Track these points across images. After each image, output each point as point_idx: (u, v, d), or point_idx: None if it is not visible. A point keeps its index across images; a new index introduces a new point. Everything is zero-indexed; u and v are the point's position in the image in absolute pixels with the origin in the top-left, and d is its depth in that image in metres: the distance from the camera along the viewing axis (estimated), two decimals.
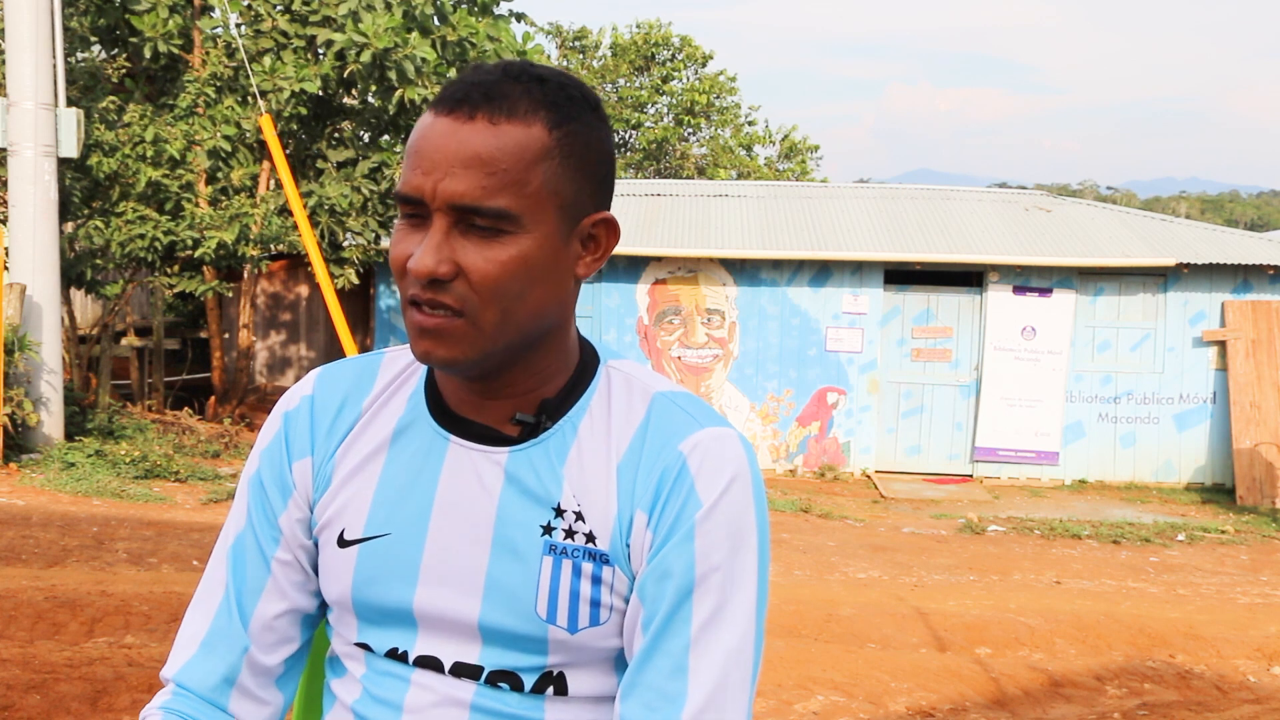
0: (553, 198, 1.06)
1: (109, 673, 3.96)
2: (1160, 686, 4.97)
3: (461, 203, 1.03)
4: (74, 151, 9.18)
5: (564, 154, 1.06)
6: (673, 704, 1.05)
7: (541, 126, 1.05)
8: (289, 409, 1.23)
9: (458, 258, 1.04)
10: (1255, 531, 10.01)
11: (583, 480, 1.12)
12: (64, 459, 8.69)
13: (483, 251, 1.04)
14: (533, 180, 1.04)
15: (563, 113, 1.07)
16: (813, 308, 12.64)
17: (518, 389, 1.13)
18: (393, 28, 10.65)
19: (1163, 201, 69.16)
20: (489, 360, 1.08)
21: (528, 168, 1.04)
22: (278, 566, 1.19)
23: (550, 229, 1.07)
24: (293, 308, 14.87)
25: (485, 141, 1.03)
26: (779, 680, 4.60)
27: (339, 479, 1.18)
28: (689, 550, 1.07)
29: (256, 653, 1.18)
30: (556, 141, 1.06)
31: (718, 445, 1.10)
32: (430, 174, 1.04)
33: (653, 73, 25.34)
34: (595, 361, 1.19)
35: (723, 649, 1.06)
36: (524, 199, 1.04)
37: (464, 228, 1.05)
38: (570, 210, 1.08)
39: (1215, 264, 12.01)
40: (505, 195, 1.03)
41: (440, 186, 1.03)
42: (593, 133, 1.09)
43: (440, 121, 1.05)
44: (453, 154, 1.03)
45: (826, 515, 10.04)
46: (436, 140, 1.05)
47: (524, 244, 1.05)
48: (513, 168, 1.03)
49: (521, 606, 1.10)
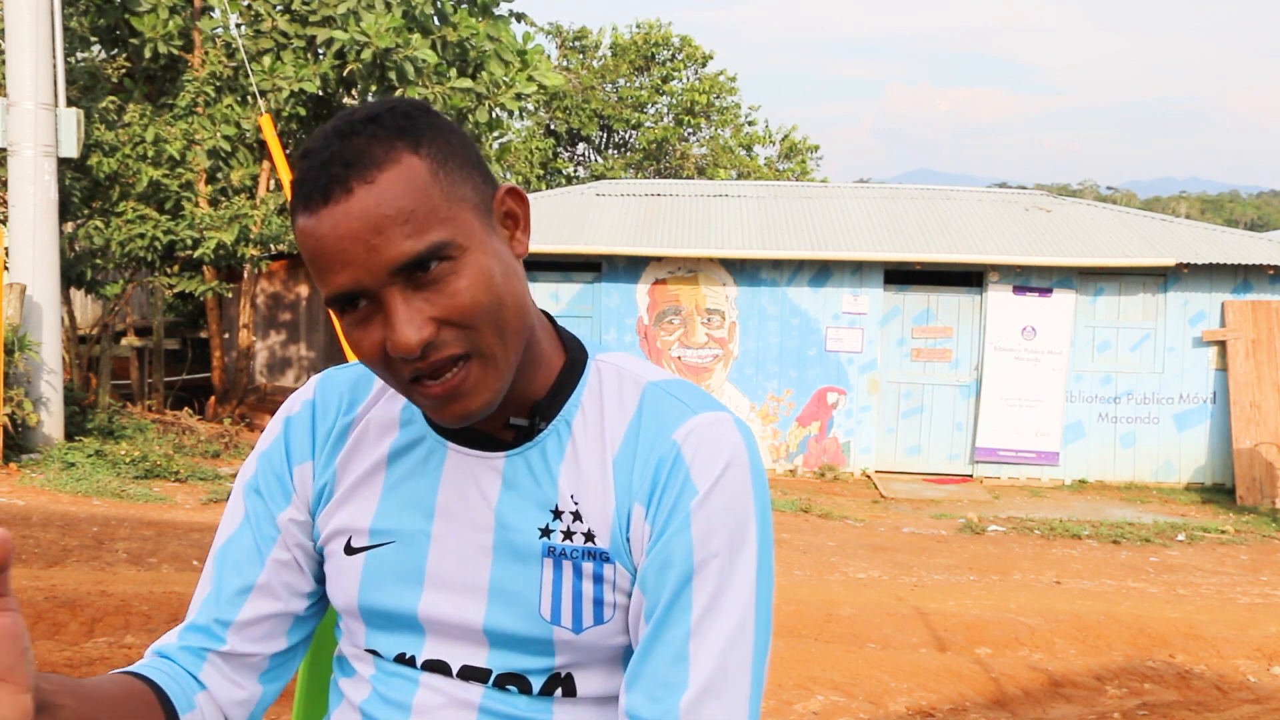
0: (463, 204, 1.04)
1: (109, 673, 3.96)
2: (1160, 686, 4.97)
3: (401, 261, 0.99)
4: (74, 151, 9.18)
5: (442, 163, 1.04)
6: (674, 692, 1.05)
7: (408, 153, 1.02)
8: (290, 414, 1.24)
9: (429, 314, 1.02)
10: (1255, 531, 10.01)
11: (579, 479, 1.12)
12: (64, 459, 8.69)
13: (445, 293, 1.02)
14: (438, 202, 1.02)
15: (414, 132, 1.04)
16: (813, 308, 12.64)
17: (511, 393, 1.13)
18: (393, 27, 10.65)
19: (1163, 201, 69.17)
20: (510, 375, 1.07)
21: (427, 194, 1.01)
22: (273, 565, 1.19)
23: (479, 233, 1.05)
24: (293, 308, 14.86)
25: (377, 201, 0.99)
26: (779, 680, 4.60)
27: (343, 487, 1.18)
28: (687, 538, 1.07)
29: (238, 644, 1.18)
30: (429, 158, 1.03)
31: (712, 430, 1.10)
32: (352, 264, 1.00)
33: (653, 73, 25.35)
34: (583, 357, 1.18)
35: (722, 635, 1.06)
36: (444, 222, 1.01)
37: (415, 284, 1.01)
38: (480, 206, 1.06)
39: (1215, 264, 12.01)
40: (430, 229, 1.00)
41: (371, 265, 1.00)
42: (445, 131, 1.07)
43: (324, 216, 1.00)
44: (359, 233, 0.99)
45: (826, 515, 10.04)
46: (334, 235, 1.00)
47: (472, 260, 1.03)
48: (418, 204, 1.00)
49: (525, 610, 1.11)
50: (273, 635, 1.20)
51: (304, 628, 1.24)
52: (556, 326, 1.21)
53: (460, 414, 1.05)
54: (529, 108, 21.90)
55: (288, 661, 1.23)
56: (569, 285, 12.79)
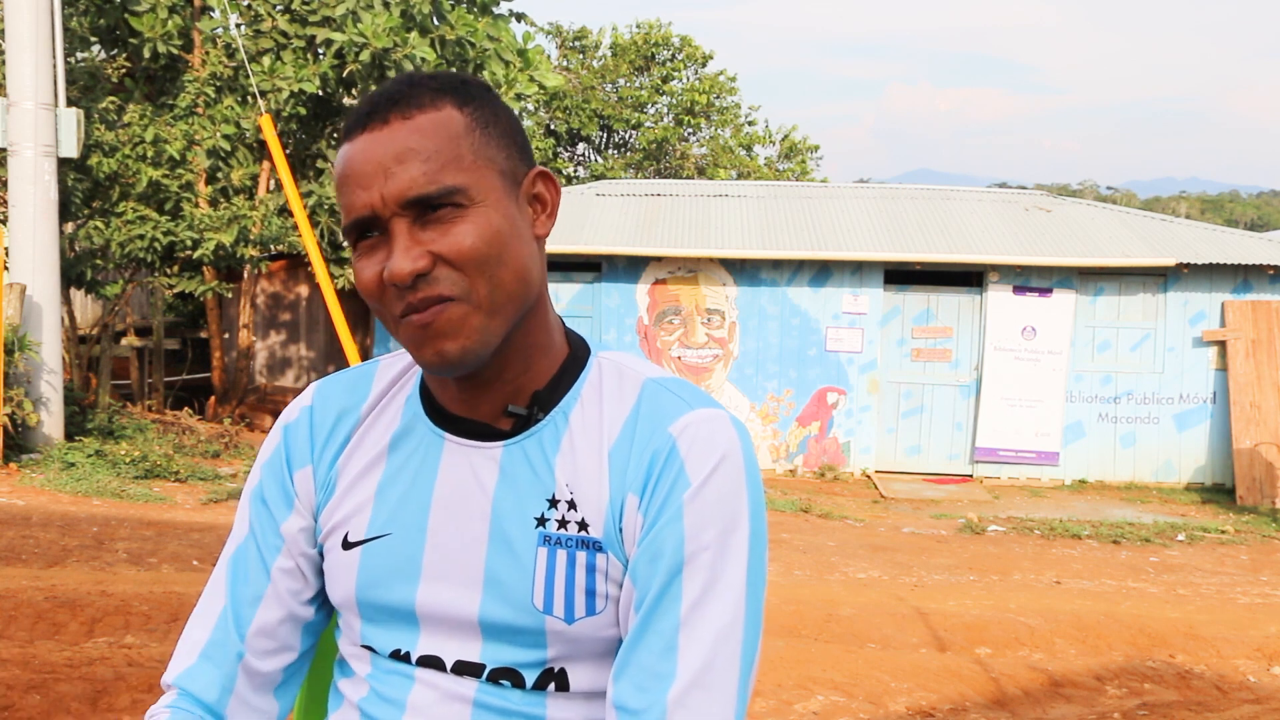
0: (488, 165, 1.09)
1: (109, 673, 3.96)
2: (1160, 686, 4.97)
3: (411, 195, 1.05)
4: (74, 151, 9.18)
5: (481, 125, 1.09)
6: (661, 683, 1.05)
7: (451, 107, 1.08)
8: (288, 421, 1.25)
9: (429, 249, 1.06)
10: (1255, 531, 10.01)
11: (575, 469, 1.12)
12: (64, 459, 8.69)
13: (449, 234, 1.06)
14: (465, 154, 1.07)
15: (465, 93, 1.10)
16: (813, 308, 12.64)
17: (508, 376, 1.14)
18: (392, 27, 10.65)
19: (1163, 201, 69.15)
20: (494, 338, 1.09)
21: (456, 143, 1.07)
22: (278, 574, 1.21)
23: (499, 194, 1.09)
24: (293, 308, 14.86)
25: (408, 135, 1.06)
26: (779, 680, 4.60)
27: (343, 485, 1.20)
28: (678, 530, 1.07)
29: (253, 660, 1.19)
30: (470, 116, 1.09)
31: (708, 426, 1.11)
32: (370, 187, 1.06)
33: (653, 73, 25.34)
34: (586, 353, 1.19)
35: (711, 628, 1.06)
36: (465, 172, 1.06)
37: (422, 223, 1.06)
38: (508, 174, 1.11)
39: (1215, 264, 12.01)
40: (448, 173, 1.06)
41: (386, 191, 1.05)
42: (497, 106, 1.13)
43: (358, 141, 1.08)
44: (383, 159, 1.05)
45: (826, 515, 10.04)
46: (362, 157, 1.07)
47: (483, 213, 1.07)
48: (443, 147, 1.06)
49: (518, 599, 1.11)
50: (284, 645, 1.22)
51: (313, 633, 1.25)
52: (565, 326, 1.22)
53: (437, 353, 1.07)
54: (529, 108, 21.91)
55: (299, 670, 1.25)
56: (569, 285, 12.79)
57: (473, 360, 1.08)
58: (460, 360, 1.08)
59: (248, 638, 1.19)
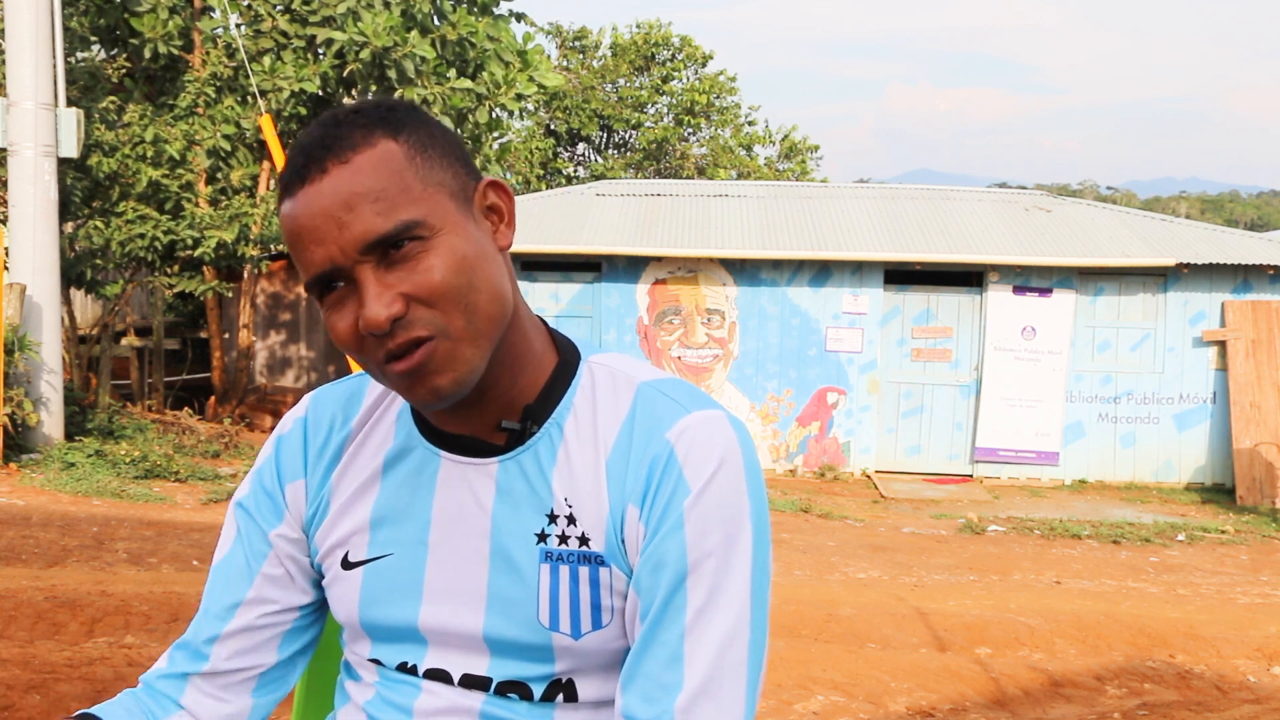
0: (439, 189, 1.05)
1: (109, 673, 3.96)
2: (1160, 686, 4.97)
3: (370, 239, 1.01)
4: (74, 151, 9.18)
5: (421, 150, 1.06)
6: (669, 694, 1.05)
7: (386, 139, 1.04)
8: (282, 433, 1.24)
9: (400, 290, 1.03)
10: (1255, 531, 10.00)
11: (573, 482, 1.11)
12: (64, 459, 8.69)
13: (416, 270, 1.03)
14: (413, 184, 1.04)
15: (395, 122, 1.06)
16: (813, 308, 12.64)
17: (495, 391, 1.12)
18: (392, 27, 10.65)
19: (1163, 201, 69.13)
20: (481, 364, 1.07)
21: (401, 176, 1.03)
22: (262, 580, 1.20)
23: (455, 217, 1.06)
24: (293, 308, 14.86)
25: (351, 179, 1.02)
26: (779, 680, 4.60)
27: (338, 503, 1.19)
28: (680, 538, 1.06)
29: (221, 660, 1.20)
30: (407, 144, 1.05)
31: (705, 429, 1.09)
32: (325, 241, 1.02)
33: (653, 73, 25.34)
34: (576, 359, 1.17)
35: (717, 636, 1.05)
36: (417, 203, 1.03)
37: (386, 264, 1.03)
38: (459, 194, 1.07)
39: (1215, 264, 12.01)
40: (401, 209, 1.02)
41: (342, 242, 1.02)
42: (431, 125, 1.09)
43: (300, 197, 1.03)
44: (331, 209, 1.02)
45: (826, 515, 10.04)
46: (309, 212, 1.03)
47: (445, 241, 1.04)
48: (389, 183, 1.02)
49: (524, 616, 1.10)
50: (260, 649, 1.21)
51: (297, 640, 1.24)
52: (550, 329, 1.20)
53: (429, 392, 1.05)
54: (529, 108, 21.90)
55: (285, 675, 1.24)
56: (569, 285, 12.79)
57: (465, 389, 1.07)
58: (454, 393, 1.06)
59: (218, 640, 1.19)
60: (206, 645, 1.19)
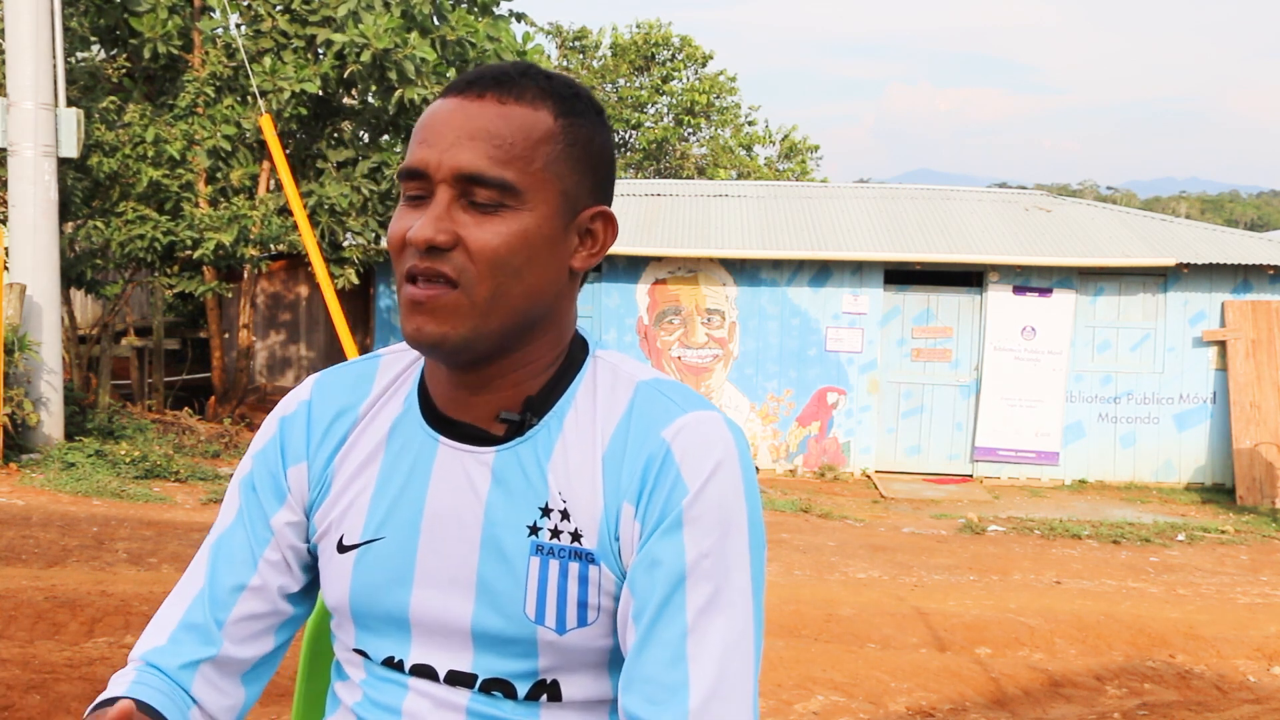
0: (555, 181, 1.07)
1: (109, 673, 3.96)
2: (1160, 686, 4.97)
3: (465, 172, 1.04)
4: (74, 151, 9.18)
5: (568, 141, 1.08)
6: (676, 695, 1.04)
7: (548, 112, 1.08)
8: (285, 414, 1.23)
9: (457, 229, 1.05)
10: (1255, 531, 10.00)
11: (568, 477, 1.11)
12: (64, 459, 8.69)
13: (483, 225, 1.05)
14: (536, 159, 1.06)
15: (568, 106, 1.09)
16: (813, 308, 12.64)
17: (505, 382, 1.13)
18: (392, 28, 10.65)
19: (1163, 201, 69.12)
20: (479, 340, 1.07)
21: (533, 146, 1.06)
22: (264, 566, 1.19)
23: (550, 211, 1.07)
24: (293, 308, 14.86)
25: (492, 117, 1.06)
26: (779, 680, 4.60)
27: (338, 485, 1.18)
28: (678, 538, 1.06)
29: (230, 647, 1.17)
30: (561, 128, 1.08)
31: (702, 429, 1.09)
32: (435, 146, 1.06)
33: (653, 73, 25.34)
34: (583, 354, 1.18)
35: (721, 636, 1.05)
36: (527, 175, 1.06)
37: (466, 202, 1.06)
38: (570, 198, 1.09)
39: (1215, 264, 12.01)
40: (509, 168, 1.05)
41: (445, 157, 1.05)
42: (596, 131, 1.11)
43: (450, 101, 1.08)
44: (460, 127, 1.06)
45: (826, 515, 10.04)
46: (444, 116, 1.07)
47: (524, 220, 1.06)
48: (518, 143, 1.05)
49: (510, 608, 1.10)
50: (261, 636, 1.20)
51: (290, 629, 1.24)
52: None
53: (420, 329, 1.07)
54: None
55: (270, 662, 1.23)
56: None
57: (450, 348, 1.07)
58: (437, 344, 1.07)
59: (226, 625, 1.17)
60: (216, 628, 1.17)
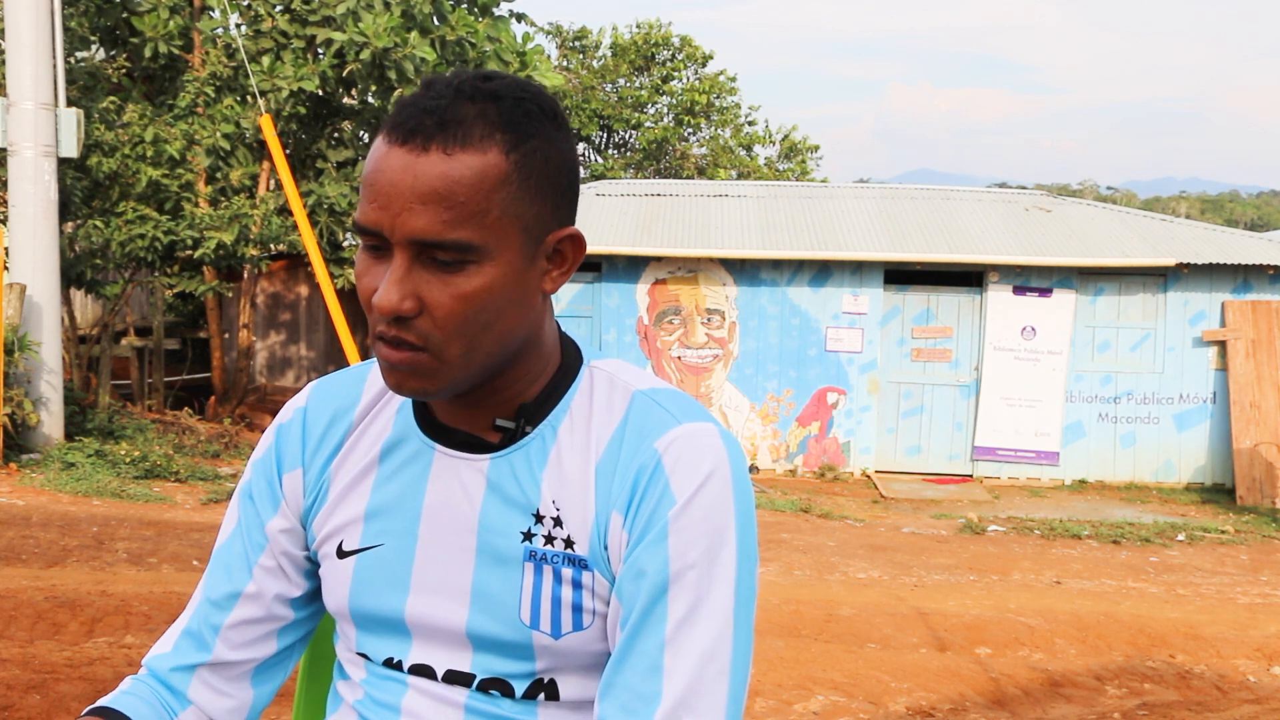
0: (514, 222, 1.04)
1: (109, 673, 3.96)
2: (1160, 686, 4.97)
3: (421, 238, 1.01)
4: (74, 151, 9.18)
5: (523, 176, 1.04)
6: (648, 705, 1.04)
7: (498, 151, 1.02)
8: (282, 422, 1.25)
9: (420, 292, 1.03)
10: (1255, 531, 10.00)
11: (561, 484, 1.11)
12: (64, 459, 8.69)
13: (446, 285, 1.03)
14: (492, 209, 1.02)
15: (519, 131, 1.04)
16: (813, 308, 12.64)
17: (498, 398, 1.14)
18: (392, 27, 10.65)
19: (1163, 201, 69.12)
20: (461, 385, 1.08)
21: (486, 196, 1.02)
22: (260, 572, 1.21)
23: (514, 254, 1.05)
24: (293, 308, 14.86)
25: (442, 175, 1.00)
26: (779, 680, 4.60)
27: (336, 492, 1.19)
28: (663, 548, 1.06)
29: (226, 651, 1.21)
30: (514, 165, 1.03)
31: (695, 440, 1.08)
32: (388, 209, 1.02)
33: (653, 73, 25.33)
34: (578, 363, 1.17)
35: (697, 648, 1.05)
36: (485, 229, 1.02)
37: (426, 260, 1.03)
38: (533, 230, 1.06)
39: (1215, 264, 12.01)
40: (465, 228, 1.01)
41: (399, 222, 1.01)
42: (551, 147, 1.07)
43: (395, 153, 1.02)
44: (409, 189, 1.01)
45: (826, 515, 10.04)
46: (392, 174, 1.02)
47: (488, 273, 1.03)
48: (471, 199, 1.01)
49: (506, 614, 1.11)
50: (260, 641, 1.22)
51: (295, 632, 1.25)
52: (560, 333, 1.20)
53: (400, 385, 1.08)
54: None
55: (280, 664, 1.25)
56: (569, 285, 12.78)
57: (434, 397, 1.08)
58: (419, 395, 1.08)
59: (221, 630, 1.20)
60: (211, 634, 1.21)
